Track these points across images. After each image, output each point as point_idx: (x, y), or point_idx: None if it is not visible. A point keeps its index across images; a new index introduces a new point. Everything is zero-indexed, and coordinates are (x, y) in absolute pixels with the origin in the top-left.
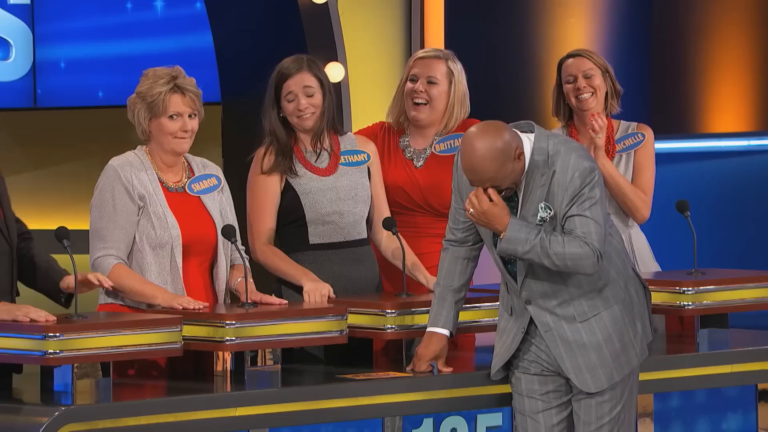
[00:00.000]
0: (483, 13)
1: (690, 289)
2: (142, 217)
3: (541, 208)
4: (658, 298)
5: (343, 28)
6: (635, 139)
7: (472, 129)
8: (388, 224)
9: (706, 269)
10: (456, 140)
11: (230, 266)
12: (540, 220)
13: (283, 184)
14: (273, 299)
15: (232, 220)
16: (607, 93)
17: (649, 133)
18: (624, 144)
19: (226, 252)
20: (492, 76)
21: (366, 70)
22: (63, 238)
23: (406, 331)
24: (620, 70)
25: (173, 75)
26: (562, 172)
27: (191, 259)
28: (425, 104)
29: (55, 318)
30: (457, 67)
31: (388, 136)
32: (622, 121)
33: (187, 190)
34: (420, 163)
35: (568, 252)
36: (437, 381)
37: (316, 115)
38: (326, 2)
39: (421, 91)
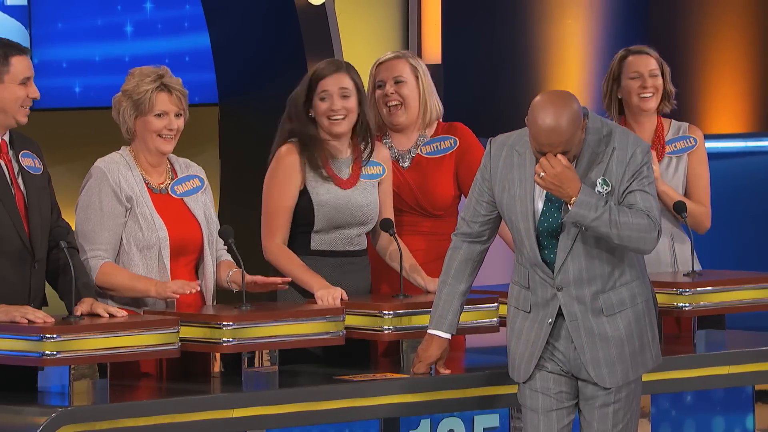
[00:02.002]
0: (480, 15)
1: (687, 290)
2: (129, 219)
3: (599, 183)
4: None
5: (341, 29)
6: (687, 143)
7: (543, 97)
8: (385, 226)
9: (704, 270)
10: (442, 143)
11: (216, 264)
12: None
13: (301, 188)
14: (272, 279)
15: (216, 221)
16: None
17: (700, 136)
18: (675, 146)
19: (212, 252)
20: (489, 77)
21: (363, 72)
22: (60, 239)
23: (403, 332)
24: None
25: (160, 74)
26: (622, 149)
27: (178, 260)
28: (399, 105)
29: (53, 319)
30: (419, 63)
31: None
32: (672, 120)
33: (170, 192)
34: (406, 164)
35: (634, 222)
36: (434, 382)
37: (348, 119)
38: (323, 4)
39: (392, 93)
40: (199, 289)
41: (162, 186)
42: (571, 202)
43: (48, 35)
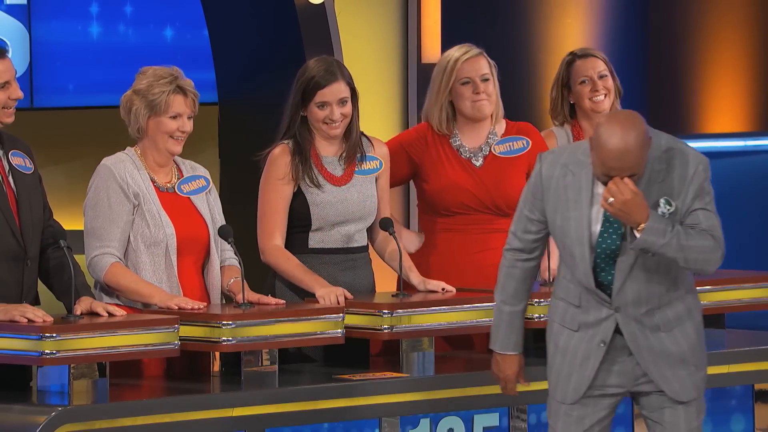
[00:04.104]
0: (480, 15)
1: None
2: (137, 216)
3: (662, 203)
4: None
5: (340, 29)
6: None
7: (610, 119)
8: (385, 225)
9: None
10: (515, 143)
11: (221, 267)
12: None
13: (295, 189)
14: (269, 299)
15: (221, 221)
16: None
17: None
18: None
19: (218, 251)
20: None
21: (362, 71)
22: (59, 238)
23: (403, 331)
24: (617, 70)
25: (174, 75)
26: (684, 166)
27: (185, 258)
28: (486, 100)
29: (52, 318)
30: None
31: (438, 137)
32: None
33: (177, 191)
34: (479, 163)
35: (701, 245)
36: (434, 381)
37: (344, 123)
38: (323, 3)
39: (482, 91)
40: (203, 307)
41: (168, 185)
42: (639, 228)
43: (48, 34)
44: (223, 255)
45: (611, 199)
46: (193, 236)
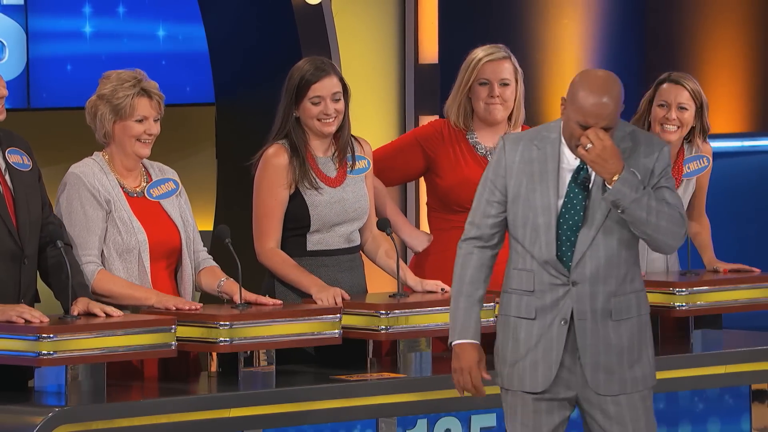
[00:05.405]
0: (476, 15)
1: (683, 289)
2: (108, 223)
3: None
4: (651, 298)
5: (337, 29)
6: (700, 163)
7: (588, 71)
8: (383, 225)
9: (700, 270)
10: None
11: (198, 270)
12: None
13: (292, 190)
14: (267, 300)
15: (193, 223)
16: (693, 128)
17: (710, 152)
18: (689, 168)
19: (190, 255)
20: None
21: (360, 72)
22: (56, 237)
23: (400, 332)
24: (614, 71)
25: (138, 78)
26: (649, 146)
27: (157, 263)
28: (500, 104)
29: (49, 319)
30: (517, 64)
31: (455, 132)
32: (684, 141)
33: (146, 195)
34: None
35: (669, 213)
36: (431, 382)
37: (338, 120)
38: (320, 3)
39: (498, 96)
40: (199, 308)
41: (138, 189)
42: (614, 178)
43: (45, 34)
44: (198, 257)
45: (589, 145)
46: (165, 241)
